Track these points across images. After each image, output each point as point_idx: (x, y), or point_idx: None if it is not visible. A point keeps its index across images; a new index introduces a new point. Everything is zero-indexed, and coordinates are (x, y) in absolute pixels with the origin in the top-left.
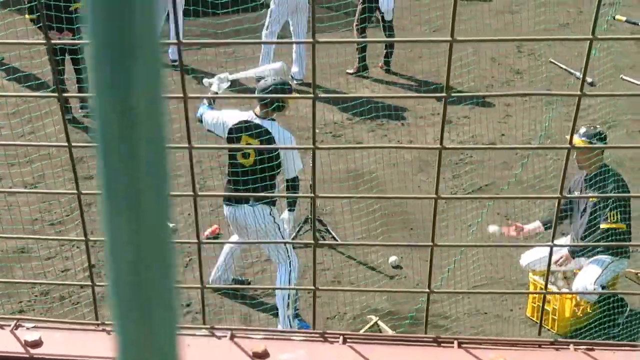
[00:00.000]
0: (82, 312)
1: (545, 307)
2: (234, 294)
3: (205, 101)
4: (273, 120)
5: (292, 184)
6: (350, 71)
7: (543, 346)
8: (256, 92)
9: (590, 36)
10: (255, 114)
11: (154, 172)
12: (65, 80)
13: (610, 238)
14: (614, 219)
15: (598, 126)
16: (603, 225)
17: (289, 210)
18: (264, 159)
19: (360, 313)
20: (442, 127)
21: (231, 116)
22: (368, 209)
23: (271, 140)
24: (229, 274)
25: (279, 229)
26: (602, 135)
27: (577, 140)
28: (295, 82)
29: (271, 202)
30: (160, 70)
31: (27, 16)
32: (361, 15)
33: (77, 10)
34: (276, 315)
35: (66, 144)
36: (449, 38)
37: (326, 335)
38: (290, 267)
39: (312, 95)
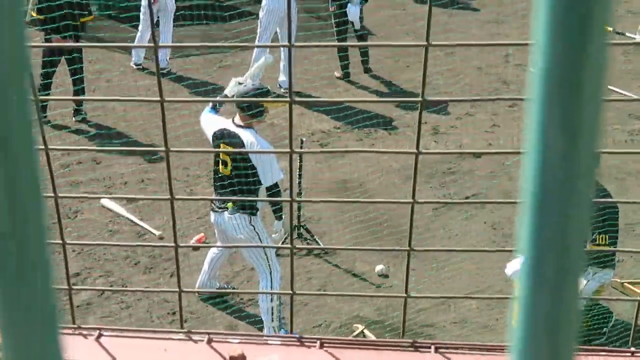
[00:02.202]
0: (69, 317)
1: None
2: (219, 302)
3: (210, 105)
4: (252, 128)
5: (271, 193)
6: (338, 74)
7: None
8: (235, 98)
9: None
10: (234, 122)
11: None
12: (51, 86)
13: (595, 255)
14: (602, 242)
15: None
16: (591, 246)
17: (277, 219)
18: (240, 167)
19: (346, 322)
20: (418, 132)
21: (214, 123)
22: (356, 218)
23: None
24: (214, 282)
25: (259, 238)
26: None
27: None
28: (283, 90)
29: (250, 211)
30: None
31: (33, 13)
32: (337, 28)
33: (85, 23)
34: (261, 325)
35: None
36: (424, 43)
37: (303, 340)
38: (271, 277)
39: (288, 99)
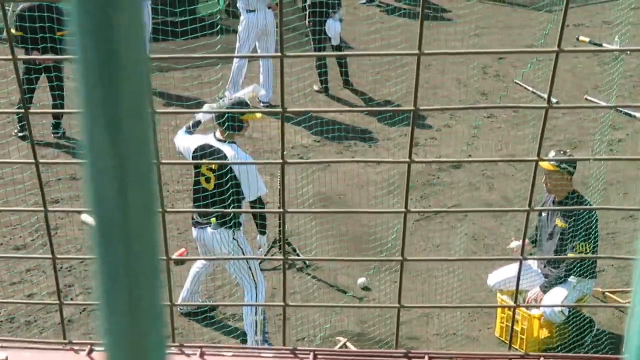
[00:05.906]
0: (48, 337)
1: (514, 327)
2: (202, 316)
3: (184, 127)
4: (233, 142)
5: (254, 207)
6: (317, 88)
7: None
8: (214, 116)
9: (557, 49)
10: (216, 137)
11: (141, 187)
12: (33, 102)
13: (577, 264)
14: (581, 249)
15: (568, 150)
16: (571, 254)
17: (260, 233)
18: (223, 182)
19: (329, 335)
20: (411, 141)
21: (194, 141)
22: (337, 231)
23: (228, 165)
24: (197, 298)
25: (243, 253)
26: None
27: (547, 165)
28: (262, 104)
29: (234, 226)
30: (145, 86)
31: (13, 31)
32: (316, 44)
33: (63, 36)
34: (245, 340)
35: (33, 161)
36: (417, 51)
37: (296, 352)
38: (256, 290)
39: (280, 110)
